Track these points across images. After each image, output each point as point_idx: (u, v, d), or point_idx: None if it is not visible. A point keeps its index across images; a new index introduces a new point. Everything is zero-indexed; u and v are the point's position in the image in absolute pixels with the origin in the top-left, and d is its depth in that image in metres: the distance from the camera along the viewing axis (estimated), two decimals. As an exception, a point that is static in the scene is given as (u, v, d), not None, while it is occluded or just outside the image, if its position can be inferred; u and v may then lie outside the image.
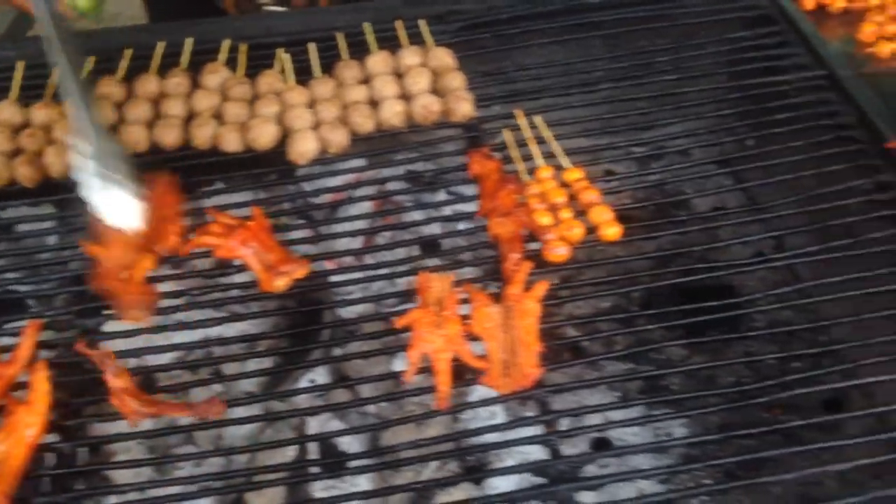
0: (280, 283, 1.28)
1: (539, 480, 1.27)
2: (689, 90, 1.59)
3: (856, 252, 1.34)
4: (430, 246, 1.53)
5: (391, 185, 1.65)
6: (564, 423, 1.34)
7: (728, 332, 1.31)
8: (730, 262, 1.37)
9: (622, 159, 1.54)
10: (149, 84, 1.56)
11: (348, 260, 1.50)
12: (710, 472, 1.36)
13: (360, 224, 1.52)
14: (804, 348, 1.29)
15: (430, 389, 1.18)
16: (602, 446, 1.44)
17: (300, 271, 1.29)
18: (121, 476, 1.31)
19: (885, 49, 1.62)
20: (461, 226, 1.46)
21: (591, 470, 1.38)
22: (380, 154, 1.56)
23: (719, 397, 1.23)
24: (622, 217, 1.53)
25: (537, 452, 1.31)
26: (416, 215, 1.53)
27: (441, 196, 1.59)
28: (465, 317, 1.22)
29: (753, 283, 1.51)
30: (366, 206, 1.62)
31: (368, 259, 1.54)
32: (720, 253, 1.44)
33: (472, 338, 1.21)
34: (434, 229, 1.46)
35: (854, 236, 1.36)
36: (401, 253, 1.41)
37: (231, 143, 1.46)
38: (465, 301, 1.24)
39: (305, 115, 1.49)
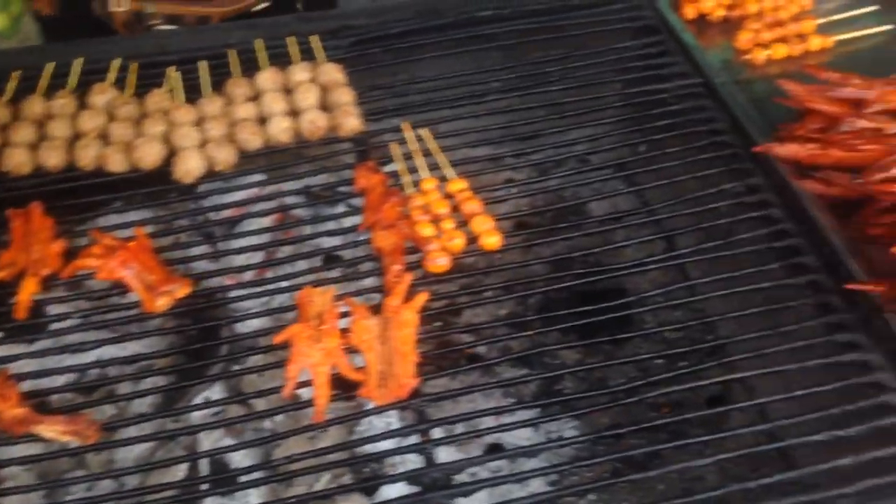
0: (161, 303, 1.28)
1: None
2: (578, 99, 1.63)
3: (731, 252, 1.39)
4: (330, 258, 1.55)
5: (289, 200, 1.66)
6: (458, 429, 1.38)
7: (620, 333, 1.34)
8: (622, 264, 1.40)
9: (520, 167, 1.56)
10: (35, 105, 1.55)
11: (248, 275, 1.51)
12: (598, 471, 1.40)
13: (260, 239, 1.52)
14: (690, 346, 1.33)
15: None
16: (495, 450, 1.48)
17: (182, 290, 1.29)
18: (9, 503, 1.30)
19: (760, 56, 1.68)
20: (362, 237, 1.47)
21: (482, 474, 1.42)
22: (277, 169, 1.57)
23: (609, 397, 1.25)
24: (520, 224, 1.58)
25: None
26: (312, 229, 1.53)
27: (340, 209, 1.60)
28: (345, 330, 1.24)
29: (645, 284, 1.55)
30: (265, 222, 1.62)
31: (269, 273, 1.54)
32: (614, 256, 1.48)
33: (354, 350, 1.23)
34: (334, 241, 1.46)
35: (729, 237, 1.41)
36: (301, 265, 1.42)
37: (116, 163, 1.46)
38: (346, 314, 1.26)
39: (192, 134, 1.50)
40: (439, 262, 1.33)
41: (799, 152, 1.35)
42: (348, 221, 1.47)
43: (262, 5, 2.00)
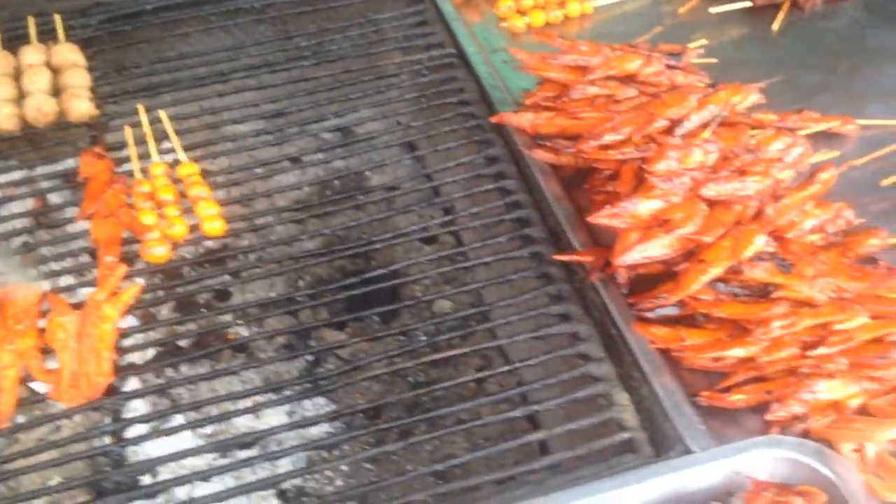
0: None
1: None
2: (331, 73, 1.58)
3: (478, 224, 1.37)
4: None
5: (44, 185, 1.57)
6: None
7: (389, 310, 1.32)
8: (383, 237, 1.37)
9: (275, 144, 1.50)
10: None
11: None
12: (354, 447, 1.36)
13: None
14: (457, 320, 1.31)
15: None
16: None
17: None
18: None
19: (518, 24, 1.65)
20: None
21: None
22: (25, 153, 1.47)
23: (371, 377, 1.23)
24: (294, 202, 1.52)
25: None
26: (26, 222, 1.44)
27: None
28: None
29: (421, 260, 1.52)
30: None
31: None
32: (390, 232, 1.42)
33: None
34: (52, 234, 1.38)
35: (470, 209, 1.39)
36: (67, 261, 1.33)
37: None
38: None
39: None
40: (156, 252, 1.27)
41: (527, 122, 1.33)
42: (70, 212, 1.39)
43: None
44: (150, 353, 1.33)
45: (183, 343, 1.42)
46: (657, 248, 1.12)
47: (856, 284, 1.07)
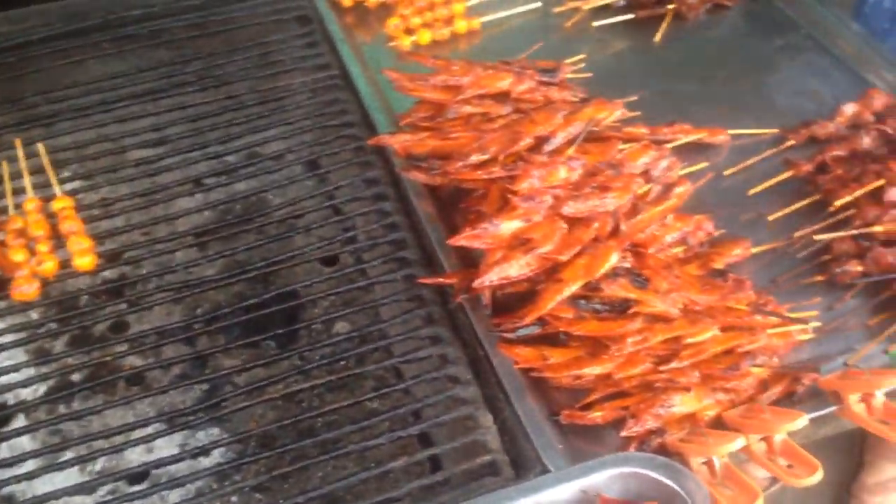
0: None
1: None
2: (214, 99, 1.57)
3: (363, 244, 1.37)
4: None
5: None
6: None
7: (286, 334, 1.32)
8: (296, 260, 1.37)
9: (158, 173, 1.49)
10: None
11: None
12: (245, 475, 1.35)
13: None
14: (355, 347, 1.28)
15: None
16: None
17: None
18: None
19: (405, 42, 1.66)
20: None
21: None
22: None
23: (266, 402, 1.24)
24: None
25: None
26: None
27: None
28: None
29: (320, 284, 1.51)
30: None
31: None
32: (289, 258, 1.41)
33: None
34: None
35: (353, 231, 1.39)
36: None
37: None
38: None
39: None
40: (24, 290, 1.25)
41: (400, 143, 1.33)
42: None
43: None
44: (42, 388, 1.32)
45: (76, 377, 1.40)
46: (515, 269, 1.12)
47: (706, 297, 1.08)
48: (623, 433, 1.04)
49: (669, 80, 1.52)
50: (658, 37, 1.64)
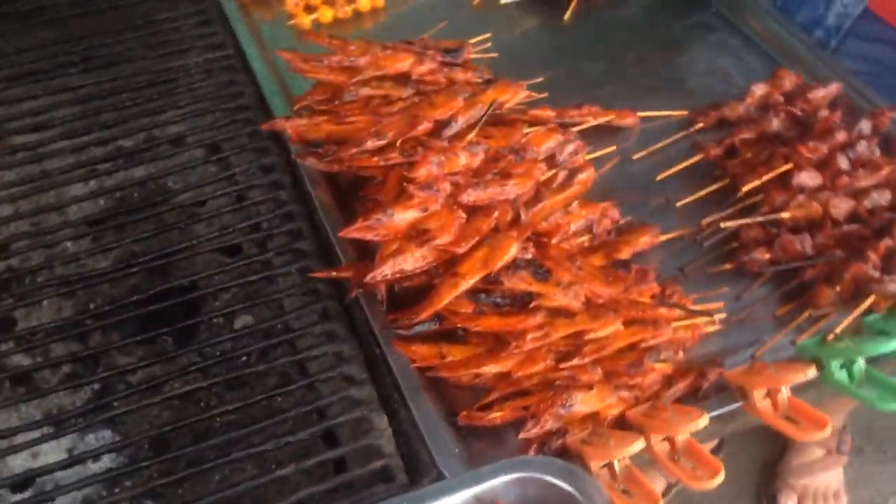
0: None
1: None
2: (97, 81, 1.48)
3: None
4: None
5: None
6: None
7: (184, 329, 1.24)
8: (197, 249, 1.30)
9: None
10: None
11: None
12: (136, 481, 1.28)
13: None
14: (257, 342, 1.21)
15: None
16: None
17: None
18: None
19: (305, 21, 1.58)
20: None
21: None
22: None
23: (161, 403, 1.18)
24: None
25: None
26: None
27: None
28: None
29: (221, 276, 1.43)
30: None
31: None
32: (189, 248, 1.33)
33: None
34: None
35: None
36: None
37: None
38: None
39: None
40: None
41: (294, 127, 1.25)
42: None
43: None
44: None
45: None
46: (410, 262, 1.06)
47: (608, 290, 1.04)
48: (521, 435, 0.99)
49: (578, 60, 1.47)
50: (567, 15, 1.59)
